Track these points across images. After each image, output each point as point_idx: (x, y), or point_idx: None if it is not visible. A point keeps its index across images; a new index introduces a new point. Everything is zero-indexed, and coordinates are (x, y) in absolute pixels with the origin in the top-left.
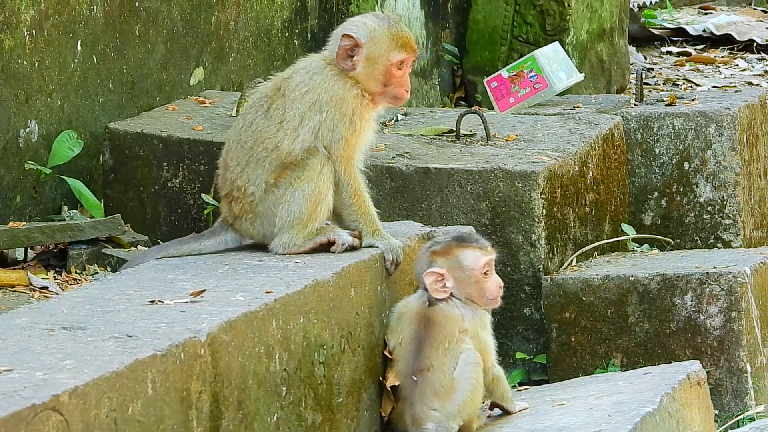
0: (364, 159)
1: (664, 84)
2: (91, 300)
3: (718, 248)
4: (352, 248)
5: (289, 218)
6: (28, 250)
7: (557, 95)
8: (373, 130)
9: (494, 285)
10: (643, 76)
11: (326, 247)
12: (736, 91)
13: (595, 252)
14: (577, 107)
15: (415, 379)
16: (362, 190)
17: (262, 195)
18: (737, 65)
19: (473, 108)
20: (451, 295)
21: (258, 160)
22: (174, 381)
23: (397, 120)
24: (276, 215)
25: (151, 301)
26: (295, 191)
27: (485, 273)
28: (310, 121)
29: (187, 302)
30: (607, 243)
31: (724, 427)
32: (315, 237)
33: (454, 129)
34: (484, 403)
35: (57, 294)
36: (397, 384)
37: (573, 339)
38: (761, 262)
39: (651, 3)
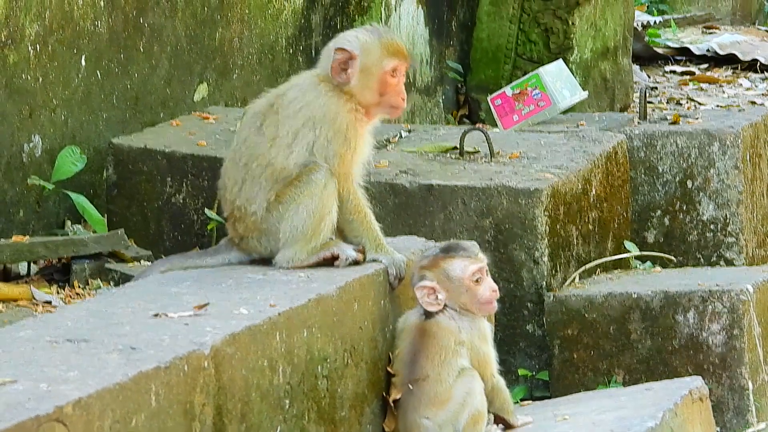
0: (364, 174)
1: (667, 103)
2: (95, 313)
3: (721, 266)
4: (356, 263)
5: (292, 233)
6: (32, 264)
7: (561, 113)
8: (369, 145)
9: (487, 290)
10: (647, 94)
11: (330, 262)
12: (740, 110)
13: (598, 269)
14: (581, 125)
15: (410, 387)
16: (363, 206)
17: (265, 214)
18: (741, 85)
19: (477, 125)
20: (446, 306)
21: (254, 178)
22: (177, 393)
23: (401, 137)
24: (279, 231)
25: (155, 314)
26: (299, 207)
27: (476, 281)
28: (304, 138)
29: (190, 315)
30: (610, 260)
31: None
32: (319, 251)
33: (458, 146)
34: (489, 413)
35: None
36: (398, 398)
37: (575, 356)
38: (764, 280)
39: (655, 22)
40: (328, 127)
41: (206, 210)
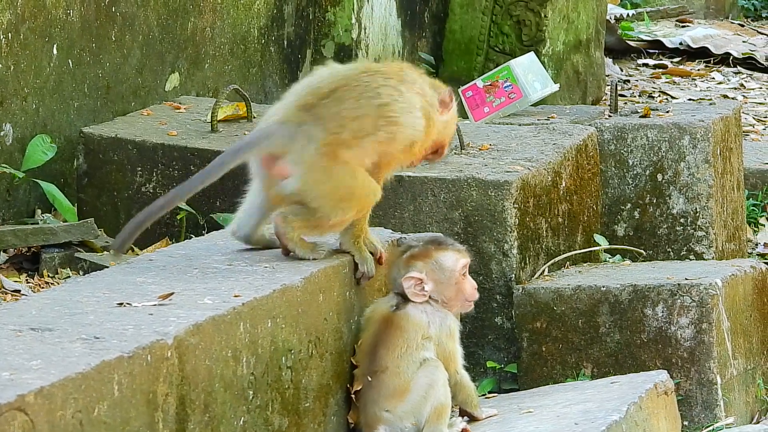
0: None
1: (639, 96)
2: (59, 302)
3: (690, 260)
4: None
5: None
6: (1, 253)
7: (532, 105)
8: None
9: (470, 286)
10: (619, 87)
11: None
12: (711, 104)
13: (567, 262)
14: (552, 117)
15: (369, 379)
16: None
17: None
18: (713, 78)
19: None
20: (430, 298)
21: None
22: (140, 383)
23: None
24: None
25: (119, 304)
26: None
27: (463, 275)
28: None
29: (155, 305)
30: (580, 253)
31: None
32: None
33: None
34: (454, 408)
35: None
36: (360, 388)
37: (544, 349)
38: (733, 275)
39: (628, 15)
40: None
41: None
